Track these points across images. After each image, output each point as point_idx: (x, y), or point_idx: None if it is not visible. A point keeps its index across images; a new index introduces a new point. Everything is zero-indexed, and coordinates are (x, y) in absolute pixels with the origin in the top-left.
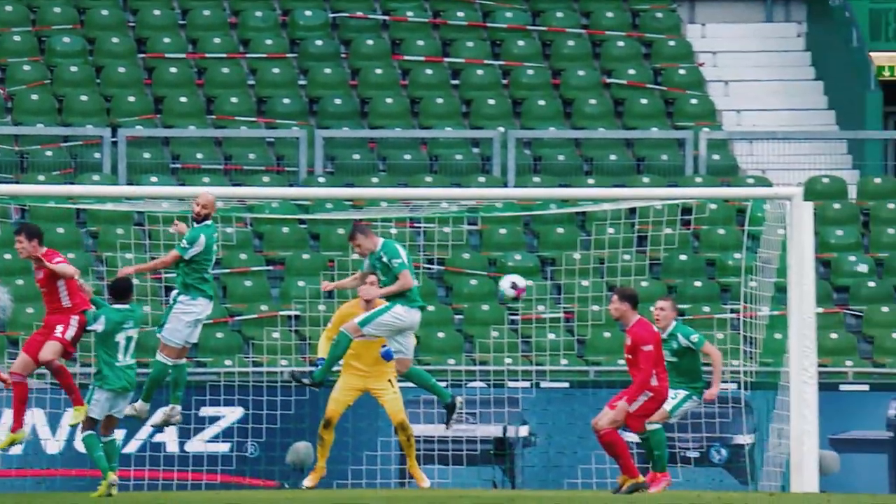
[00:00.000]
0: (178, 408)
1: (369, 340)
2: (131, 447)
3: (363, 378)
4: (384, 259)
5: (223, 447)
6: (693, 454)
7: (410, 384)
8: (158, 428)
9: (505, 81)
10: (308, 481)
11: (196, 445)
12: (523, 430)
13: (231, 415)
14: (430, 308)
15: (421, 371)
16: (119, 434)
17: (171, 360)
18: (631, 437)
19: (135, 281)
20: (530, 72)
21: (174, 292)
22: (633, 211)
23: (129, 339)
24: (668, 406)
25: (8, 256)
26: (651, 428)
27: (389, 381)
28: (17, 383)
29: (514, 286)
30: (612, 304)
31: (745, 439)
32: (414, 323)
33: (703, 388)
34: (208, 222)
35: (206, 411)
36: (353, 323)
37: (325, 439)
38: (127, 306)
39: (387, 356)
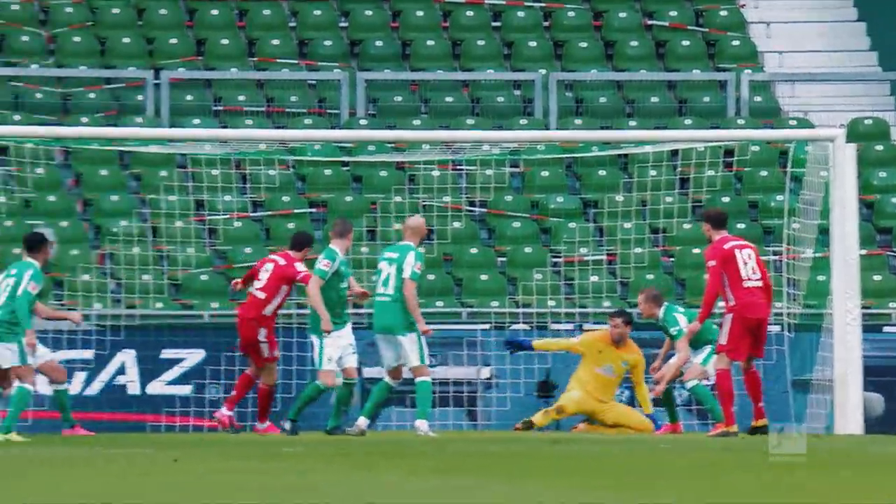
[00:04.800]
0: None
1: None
2: (93, 388)
3: (592, 401)
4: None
5: (185, 389)
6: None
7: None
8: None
9: (546, 23)
10: None
11: (157, 387)
12: (485, 372)
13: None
14: (474, 250)
15: None
16: (81, 377)
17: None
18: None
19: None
20: (571, 13)
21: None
22: (675, 153)
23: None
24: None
25: (52, 199)
26: (692, 384)
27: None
28: None
29: None
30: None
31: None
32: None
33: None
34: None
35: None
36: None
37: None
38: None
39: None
